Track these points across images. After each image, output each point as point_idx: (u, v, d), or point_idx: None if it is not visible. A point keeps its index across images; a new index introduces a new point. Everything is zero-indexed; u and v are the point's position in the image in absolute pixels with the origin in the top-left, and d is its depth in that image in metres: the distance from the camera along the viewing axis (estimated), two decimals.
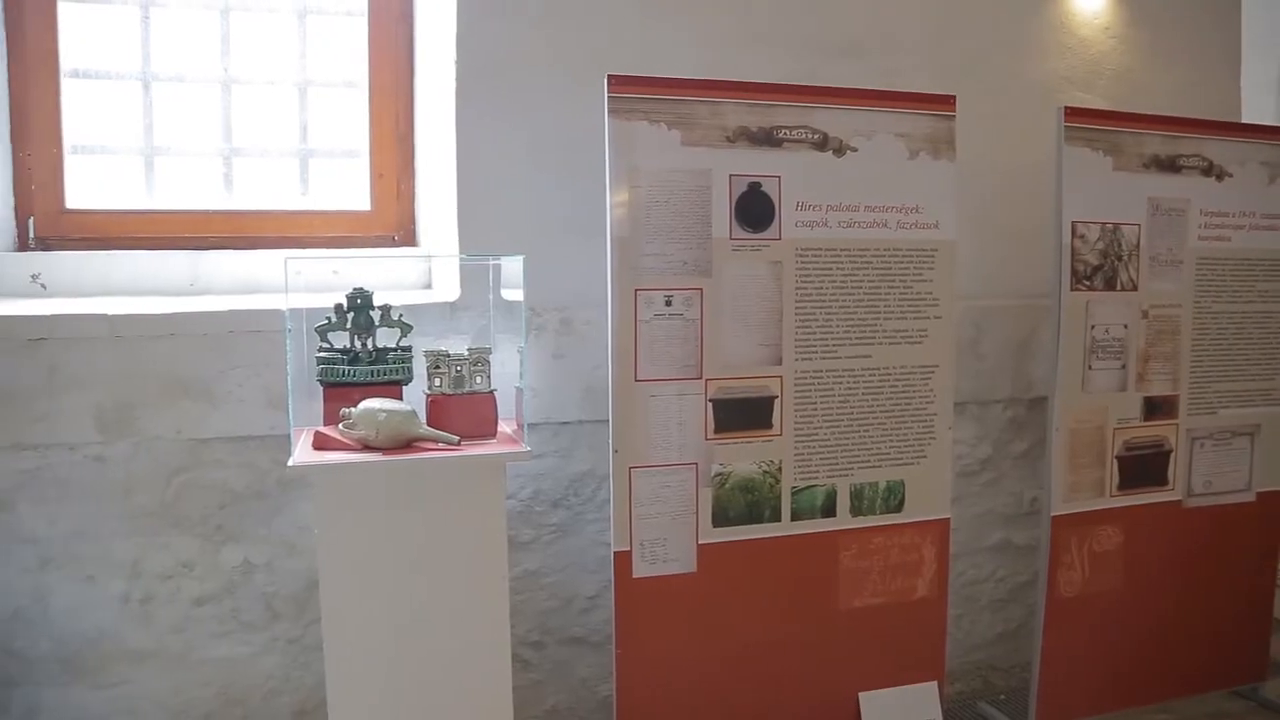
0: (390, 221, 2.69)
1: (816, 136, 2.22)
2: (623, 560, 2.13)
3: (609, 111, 2.05)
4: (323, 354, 2.00)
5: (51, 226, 2.53)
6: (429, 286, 2.62)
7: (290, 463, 1.78)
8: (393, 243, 2.68)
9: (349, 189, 2.73)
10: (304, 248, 2.57)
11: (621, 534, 2.12)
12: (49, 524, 2.14)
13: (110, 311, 2.16)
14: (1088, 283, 2.43)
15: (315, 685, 2.31)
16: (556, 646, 2.49)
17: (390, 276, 2.50)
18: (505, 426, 2.06)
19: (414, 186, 2.71)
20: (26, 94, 2.52)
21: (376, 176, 2.70)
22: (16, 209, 2.51)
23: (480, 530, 1.89)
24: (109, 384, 2.15)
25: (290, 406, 1.94)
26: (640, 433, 2.11)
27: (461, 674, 1.91)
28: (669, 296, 2.10)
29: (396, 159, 2.70)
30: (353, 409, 1.86)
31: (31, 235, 2.51)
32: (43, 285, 2.41)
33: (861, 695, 2.35)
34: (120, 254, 2.48)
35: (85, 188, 2.58)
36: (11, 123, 2.50)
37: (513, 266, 2.23)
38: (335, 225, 2.66)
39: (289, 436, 2.14)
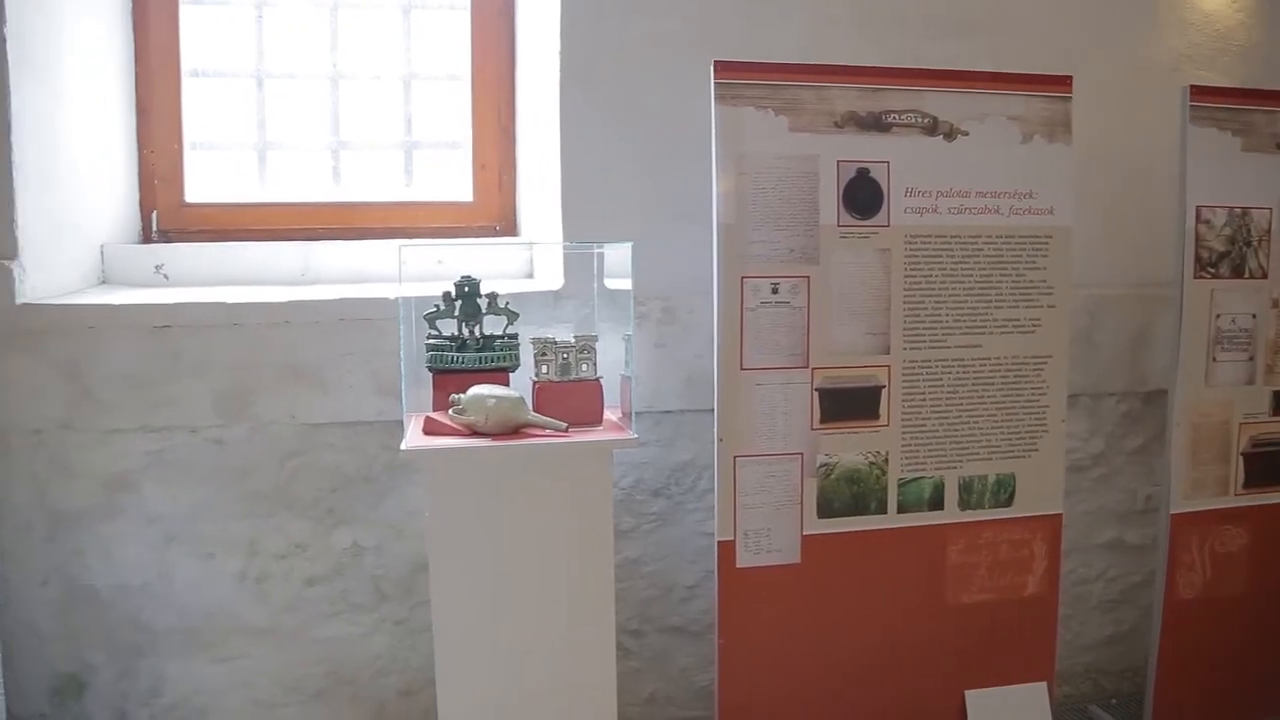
0: (492, 212, 2.73)
1: (926, 120, 2.16)
2: (726, 550, 2.11)
3: (715, 98, 2.04)
4: (431, 341, 2.03)
5: (172, 219, 2.63)
6: (530, 276, 2.65)
7: (403, 447, 1.82)
8: (494, 233, 2.71)
9: (452, 180, 2.77)
10: (408, 238, 2.61)
11: (725, 523, 2.10)
12: (172, 503, 2.23)
13: (229, 300, 2.24)
14: (1212, 270, 2.32)
15: (421, 666, 2.36)
16: (656, 635, 2.49)
17: (493, 266, 2.53)
18: (610, 414, 2.06)
19: (515, 178, 2.73)
20: (151, 94, 2.62)
21: (479, 168, 2.73)
22: (141, 203, 2.62)
23: (587, 516, 1.90)
24: (227, 370, 2.22)
25: (404, 393, 1.98)
26: (745, 421, 2.09)
27: (566, 658, 1.93)
28: (775, 284, 2.08)
29: (498, 150, 2.73)
30: (462, 395, 1.89)
31: (154, 228, 2.62)
32: (165, 275, 2.51)
33: (968, 694, 2.30)
34: (235, 245, 2.57)
35: (203, 182, 2.69)
36: (137, 122, 2.61)
37: (615, 256, 2.23)
38: (439, 216, 2.70)
39: (399, 422, 2.19)
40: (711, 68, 2.04)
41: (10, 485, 2.17)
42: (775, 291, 2.08)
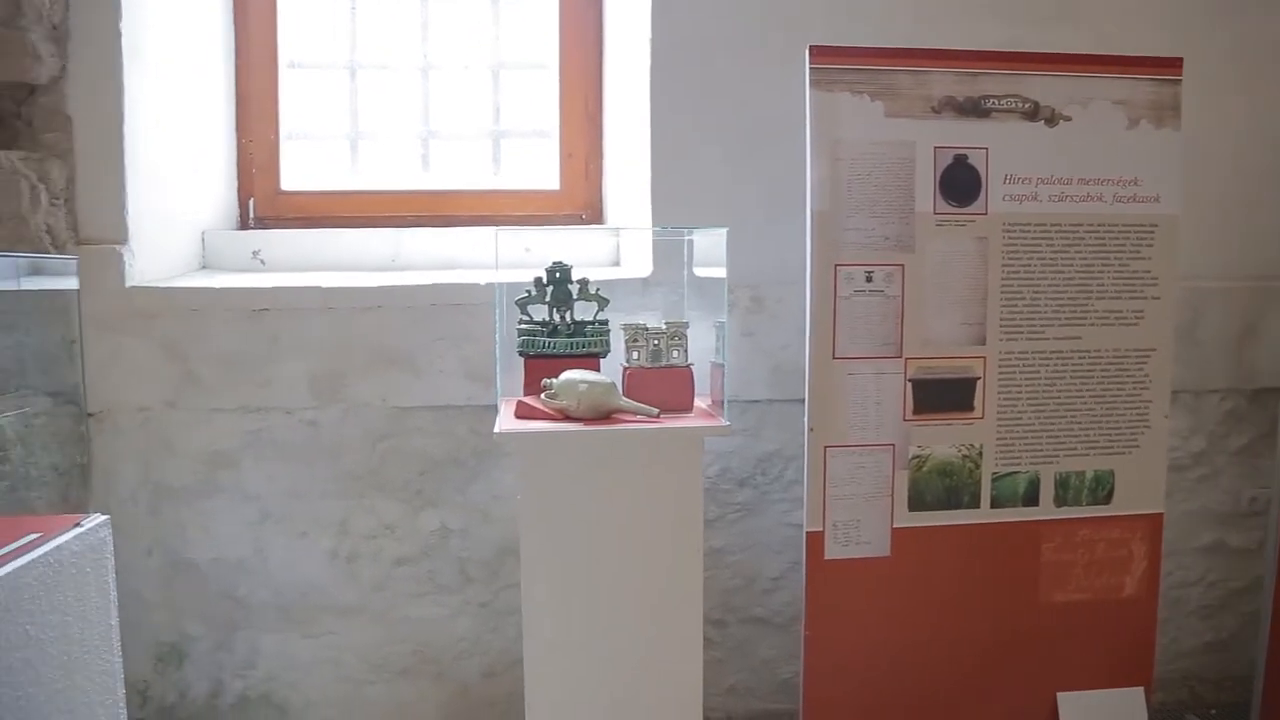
0: (578, 200, 2.74)
1: (1027, 105, 2.10)
2: (815, 541, 2.09)
3: (810, 83, 2.01)
4: (523, 326, 2.04)
5: (269, 206, 2.70)
6: (617, 264, 2.65)
7: (496, 430, 1.83)
8: (581, 221, 2.72)
9: (538, 169, 2.79)
10: (496, 225, 2.64)
11: (815, 514, 2.08)
12: (268, 482, 2.29)
13: (324, 285, 2.29)
14: None
15: (504, 649, 2.39)
16: (739, 625, 2.48)
17: (581, 253, 2.53)
18: (699, 402, 2.05)
19: (602, 166, 2.74)
20: (249, 85, 2.70)
21: (566, 156, 2.74)
22: (239, 191, 2.69)
23: (676, 503, 1.89)
24: (322, 353, 2.27)
25: (499, 376, 2.00)
26: (836, 411, 2.06)
27: (653, 645, 1.93)
28: (870, 272, 2.04)
29: (585, 139, 2.73)
30: (553, 380, 1.90)
31: (251, 215, 2.69)
32: (262, 261, 2.58)
33: (1060, 695, 2.23)
34: (328, 232, 2.62)
35: (298, 171, 2.75)
36: (236, 112, 2.69)
37: (703, 244, 2.22)
38: (526, 204, 2.72)
39: (487, 407, 2.22)
40: (807, 53, 2.01)
41: (118, 460, 2.25)
42: (869, 280, 2.04)
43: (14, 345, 2.01)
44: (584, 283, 2.09)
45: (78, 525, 1.40)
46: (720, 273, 2.06)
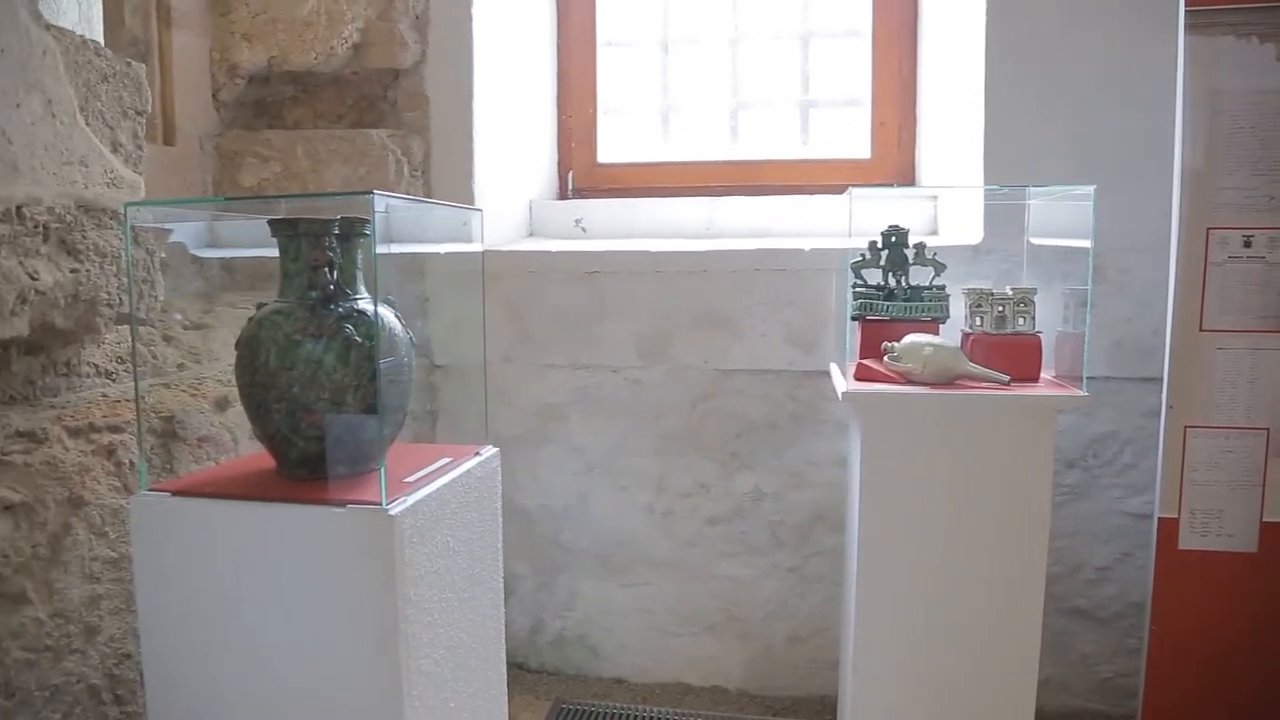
0: (890, 169, 2.68)
1: None
2: (1167, 528, 1.93)
3: (1186, 27, 1.85)
4: (858, 289, 2.03)
5: (586, 178, 2.84)
6: (934, 232, 2.57)
7: (842, 390, 1.83)
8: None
9: (847, 137, 2.76)
10: (806, 195, 2.64)
11: (1170, 499, 1.92)
12: (594, 436, 2.42)
13: (652, 249, 2.37)
14: None
15: (809, 615, 2.40)
16: (1056, 616, 2.34)
17: (895, 221, 2.49)
18: (1043, 374, 1.95)
19: (914, 134, 2.66)
20: (570, 64, 2.85)
21: (878, 124, 2.69)
22: (559, 163, 2.85)
23: (1024, 477, 1.81)
24: (648, 314, 2.36)
25: (847, 339, 1.98)
26: (1200, 389, 1.89)
27: (988, 622, 1.86)
28: (1248, 237, 1.85)
29: (898, 106, 2.67)
30: (895, 343, 1.87)
31: (570, 186, 2.84)
32: (583, 229, 2.72)
33: None
34: (645, 201, 2.72)
35: (612, 143, 2.88)
36: (558, 89, 2.84)
37: (1037, 210, 2.11)
38: (836, 173, 2.70)
39: (807, 372, 2.23)
40: None
41: (463, 409, 2.45)
42: (1248, 245, 1.86)
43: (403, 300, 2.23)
44: (920, 247, 2.04)
45: (477, 454, 1.54)
46: (1062, 240, 1.94)
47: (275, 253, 1.37)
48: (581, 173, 2.86)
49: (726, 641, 2.45)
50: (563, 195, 2.86)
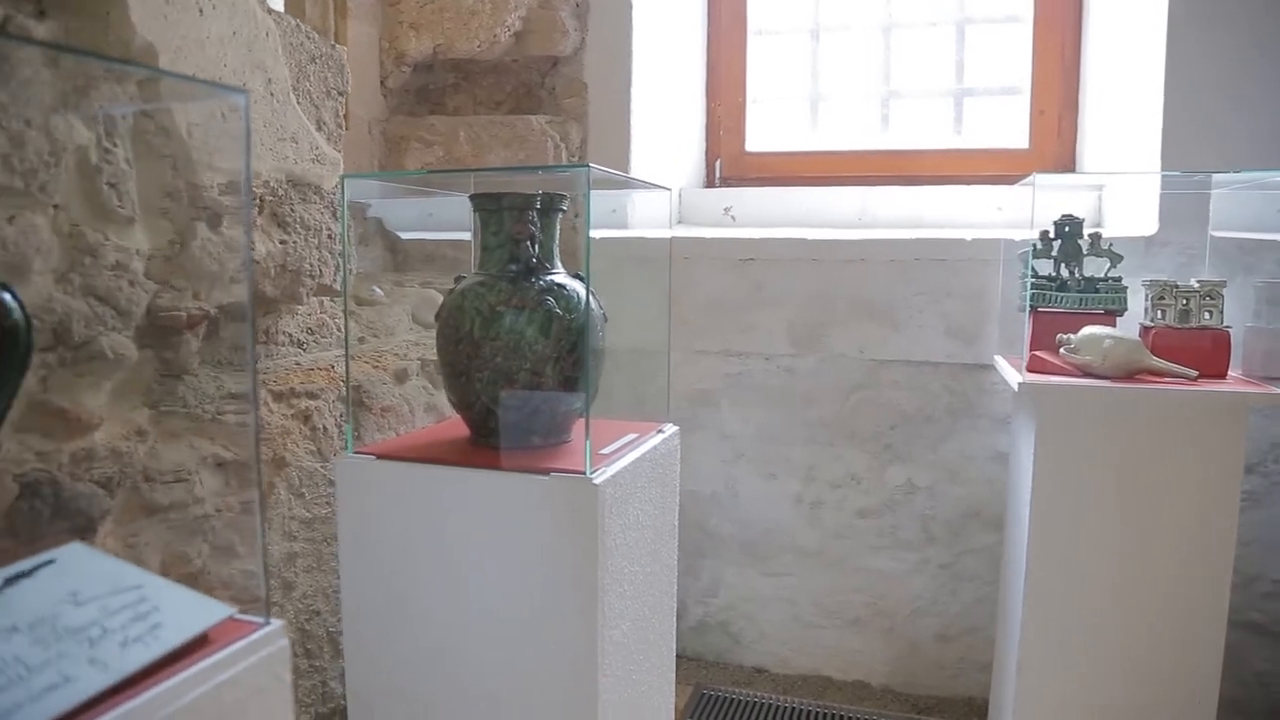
0: (1049, 160, 2.59)
1: None
2: None
3: None
4: (1031, 280, 1.97)
5: (734, 167, 2.84)
6: (1099, 225, 2.48)
7: (1017, 382, 1.78)
8: None
9: (1003, 127, 2.68)
10: (960, 185, 2.58)
11: None
12: (743, 423, 2.42)
13: (808, 237, 2.36)
14: None
15: (960, 613, 2.34)
16: (1229, 629, 2.22)
17: (1052, 213, 2.41)
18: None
19: (1075, 122, 2.57)
20: (720, 52, 2.85)
21: (1036, 113, 2.61)
22: (707, 151, 2.86)
23: (1210, 478, 1.73)
24: (802, 303, 2.35)
25: (1026, 331, 1.93)
26: None
27: (1167, 629, 1.79)
28: None
29: (1059, 94, 2.58)
30: (1072, 335, 1.81)
31: (718, 174, 2.84)
32: (732, 217, 2.72)
33: None
34: (792, 190, 2.70)
35: (760, 132, 2.87)
36: (707, 78, 2.85)
37: (1220, 200, 2.01)
38: (992, 163, 2.63)
39: (965, 365, 2.18)
40: None
41: (628, 388, 2.48)
42: None
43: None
44: (1095, 237, 1.97)
45: (660, 431, 1.56)
46: (1249, 234, 1.85)
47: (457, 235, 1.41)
48: (730, 161, 2.86)
49: (871, 636, 2.42)
50: (710, 184, 2.86)
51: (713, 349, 2.42)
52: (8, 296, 0.75)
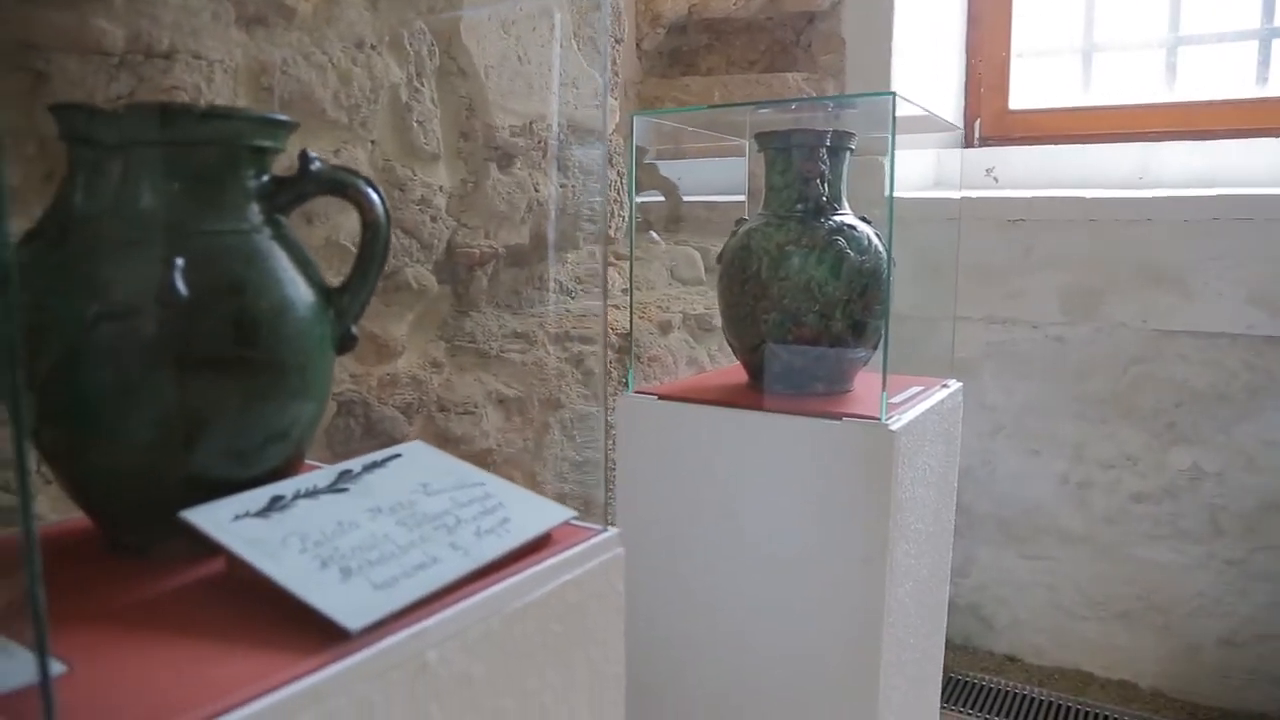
0: None
1: None
2: None
3: None
4: None
5: (996, 126, 2.67)
6: None
7: None
8: None
9: None
10: (1266, 139, 2.30)
11: None
12: (1006, 395, 2.28)
13: (1086, 196, 2.18)
14: None
15: (1250, 616, 2.11)
16: None
17: None
18: None
19: None
20: (983, 5, 2.68)
21: None
22: (965, 110, 2.71)
23: None
24: (1078, 267, 2.17)
25: None
26: None
27: None
28: None
29: None
30: None
31: (977, 134, 2.68)
32: (995, 179, 2.56)
33: None
34: (1064, 148, 2.51)
35: (1024, 89, 2.68)
36: (968, 33, 2.69)
37: None
38: None
39: (1269, 338, 1.95)
40: None
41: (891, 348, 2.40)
42: None
43: None
44: None
45: (944, 386, 1.48)
46: None
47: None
48: (990, 120, 2.69)
49: (1141, 633, 2.22)
50: (969, 144, 2.71)
51: (975, 315, 2.28)
52: (372, 192, 0.78)
